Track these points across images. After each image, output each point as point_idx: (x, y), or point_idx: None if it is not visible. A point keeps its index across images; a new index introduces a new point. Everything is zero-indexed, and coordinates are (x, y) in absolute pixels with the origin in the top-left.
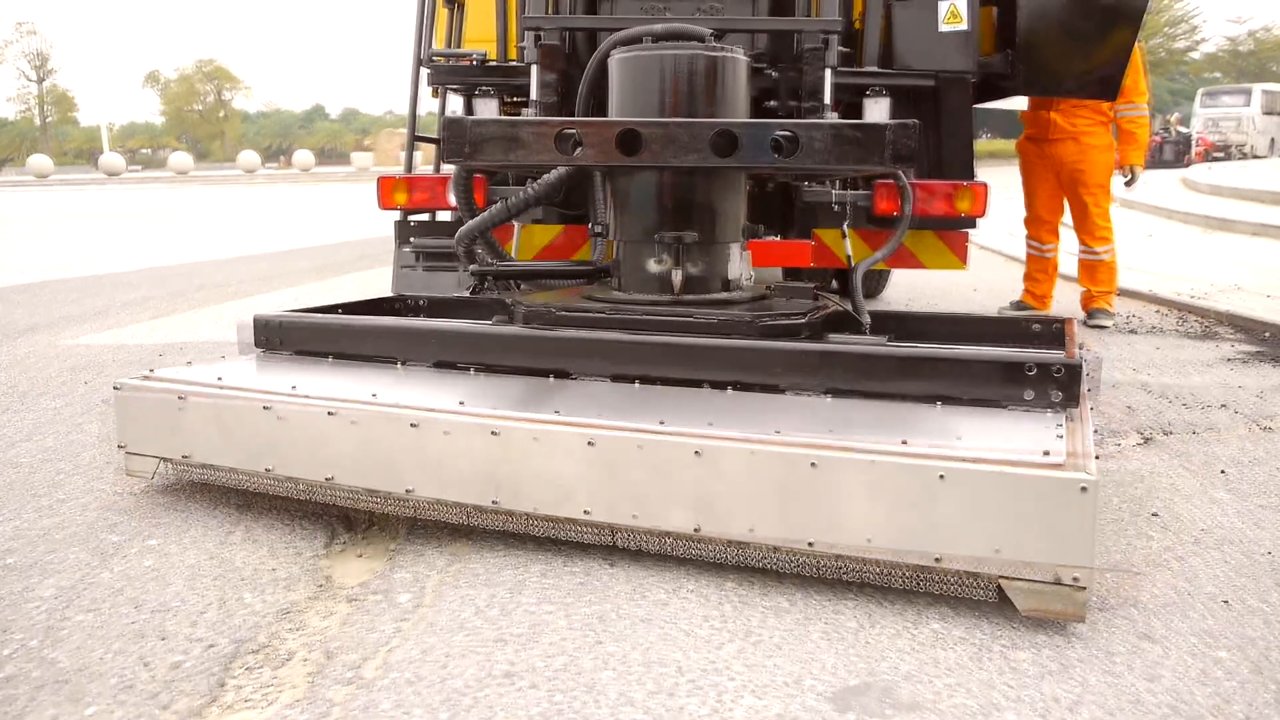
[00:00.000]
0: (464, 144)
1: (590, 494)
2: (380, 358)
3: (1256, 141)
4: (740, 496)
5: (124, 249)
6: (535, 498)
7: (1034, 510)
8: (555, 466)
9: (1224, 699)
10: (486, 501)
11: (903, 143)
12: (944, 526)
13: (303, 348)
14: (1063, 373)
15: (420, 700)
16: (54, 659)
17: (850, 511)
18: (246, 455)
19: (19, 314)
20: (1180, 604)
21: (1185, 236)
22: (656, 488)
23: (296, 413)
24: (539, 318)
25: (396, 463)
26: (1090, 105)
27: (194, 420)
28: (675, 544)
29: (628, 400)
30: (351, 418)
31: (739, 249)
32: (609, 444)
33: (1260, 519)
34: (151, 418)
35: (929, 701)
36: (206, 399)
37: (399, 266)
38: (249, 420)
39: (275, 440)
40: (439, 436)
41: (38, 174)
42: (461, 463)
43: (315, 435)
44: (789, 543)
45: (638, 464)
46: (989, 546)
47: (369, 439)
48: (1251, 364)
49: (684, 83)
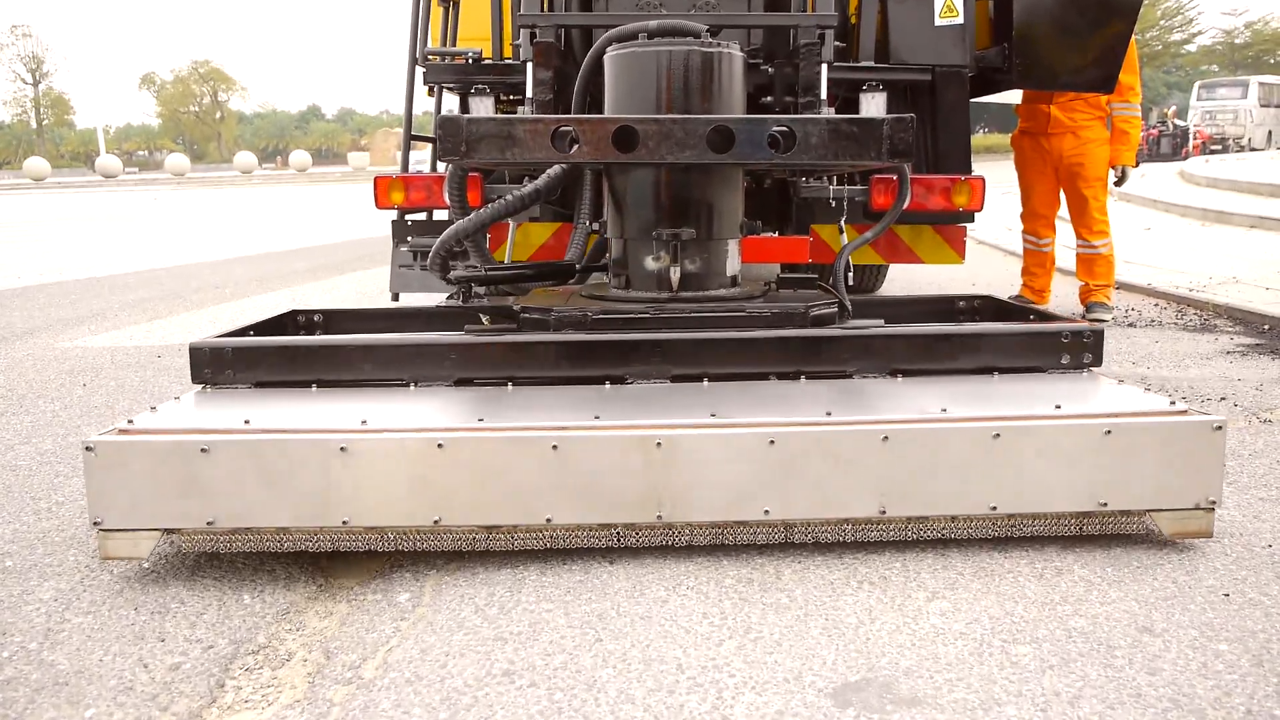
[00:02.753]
0: (459, 142)
1: (770, 493)
2: (386, 380)
3: (1254, 134)
4: (925, 475)
5: (120, 251)
6: (708, 505)
7: (1180, 450)
8: (733, 471)
9: (1225, 692)
10: (650, 517)
11: (899, 137)
12: (1107, 474)
13: (270, 378)
14: (1091, 338)
15: (420, 699)
16: (53, 661)
17: (1029, 473)
18: (309, 510)
19: (16, 317)
20: (1180, 597)
21: (1183, 229)
22: (839, 478)
23: (385, 450)
24: (574, 323)
25: (536, 490)
26: (1088, 99)
27: (221, 475)
28: (855, 530)
29: (728, 398)
30: (467, 448)
31: (737, 245)
32: (790, 441)
33: (1260, 511)
34: (151, 479)
35: (929, 696)
36: (239, 446)
37: (396, 266)
38: (314, 465)
39: (351, 486)
40: (580, 456)
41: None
42: (613, 481)
43: (415, 473)
44: (969, 511)
45: (819, 457)
46: (1144, 486)
47: (494, 469)
48: (1250, 356)
49: (679, 79)
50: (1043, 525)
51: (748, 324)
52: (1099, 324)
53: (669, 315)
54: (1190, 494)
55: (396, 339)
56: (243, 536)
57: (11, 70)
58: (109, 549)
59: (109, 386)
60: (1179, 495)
